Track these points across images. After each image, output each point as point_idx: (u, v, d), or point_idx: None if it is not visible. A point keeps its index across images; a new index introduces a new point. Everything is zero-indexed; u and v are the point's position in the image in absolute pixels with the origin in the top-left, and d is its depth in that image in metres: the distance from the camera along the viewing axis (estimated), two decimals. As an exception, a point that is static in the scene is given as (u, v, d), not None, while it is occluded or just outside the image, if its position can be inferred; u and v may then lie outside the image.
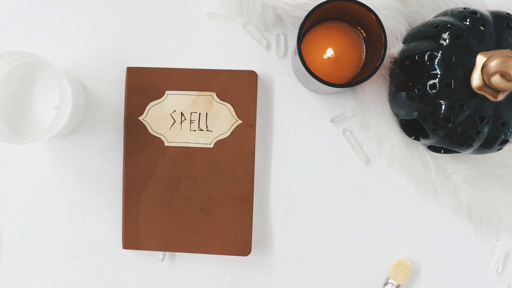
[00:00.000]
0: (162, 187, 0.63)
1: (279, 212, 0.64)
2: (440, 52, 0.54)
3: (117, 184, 0.64)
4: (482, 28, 0.54)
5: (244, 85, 0.62)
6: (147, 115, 0.63)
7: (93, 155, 0.64)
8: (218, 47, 0.64)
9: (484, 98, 0.53)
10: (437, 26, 0.55)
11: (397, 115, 0.63)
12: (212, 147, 0.63)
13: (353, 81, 0.60)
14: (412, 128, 0.61)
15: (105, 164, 0.64)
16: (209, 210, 0.63)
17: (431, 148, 0.61)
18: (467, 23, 0.54)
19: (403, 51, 0.58)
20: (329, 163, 0.64)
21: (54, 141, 0.64)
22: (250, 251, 0.62)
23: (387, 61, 0.59)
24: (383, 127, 0.62)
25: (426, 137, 0.58)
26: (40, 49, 0.64)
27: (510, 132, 0.55)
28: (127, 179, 0.63)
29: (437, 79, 0.54)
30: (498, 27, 0.54)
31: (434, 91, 0.54)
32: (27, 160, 0.64)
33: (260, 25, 0.63)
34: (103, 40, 0.64)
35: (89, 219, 0.64)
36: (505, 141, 0.55)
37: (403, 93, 0.58)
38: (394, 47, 0.58)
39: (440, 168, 0.63)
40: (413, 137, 0.61)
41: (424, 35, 0.56)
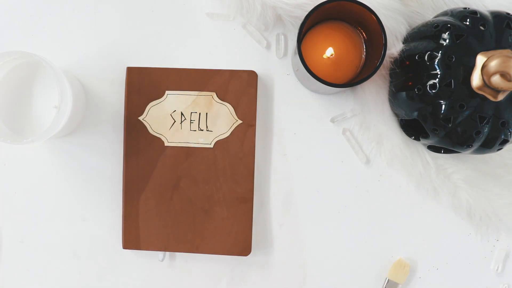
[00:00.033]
0: (162, 187, 0.63)
1: (279, 212, 0.64)
2: (440, 52, 0.54)
3: (117, 184, 0.64)
4: (482, 28, 0.54)
5: (244, 85, 0.62)
6: (147, 115, 0.63)
7: (93, 155, 0.64)
8: (218, 47, 0.64)
9: (484, 98, 0.53)
10: (437, 26, 0.55)
11: (397, 115, 0.62)
12: (212, 147, 0.63)
13: (353, 81, 0.60)
14: (412, 128, 0.61)
15: (105, 164, 0.64)
16: (209, 210, 0.63)
17: (431, 148, 0.61)
18: (467, 23, 0.54)
19: (403, 51, 0.58)
20: (329, 163, 0.64)
21: (54, 141, 0.64)
22: (250, 251, 0.62)
23: (387, 61, 0.59)
24: (383, 127, 0.62)
25: (426, 137, 0.58)
26: (40, 49, 0.64)
27: (510, 132, 0.55)
28: (127, 179, 0.63)
29: (437, 79, 0.54)
30: (498, 27, 0.54)
31: (434, 91, 0.54)
32: (27, 160, 0.64)
33: (260, 25, 0.63)
34: (103, 40, 0.64)
35: (89, 219, 0.64)
36: (505, 141, 0.55)
37: (403, 93, 0.58)
38: (394, 47, 0.58)
39: (440, 168, 0.63)
40: (413, 137, 0.61)
41: (424, 35, 0.56)
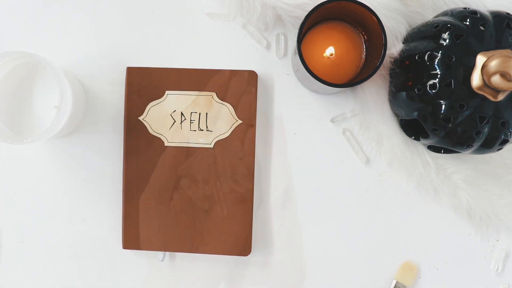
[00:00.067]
0: (162, 187, 0.63)
1: (279, 212, 0.64)
2: (440, 52, 0.54)
3: (117, 184, 0.64)
4: (482, 28, 0.54)
5: (244, 85, 0.62)
6: (147, 115, 0.63)
7: (93, 155, 0.64)
8: (218, 47, 0.64)
9: (484, 98, 0.53)
10: (437, 26, 0.55)
11: (397, 115, 0.62)
12: (212, 147, 0.63)
13: (353, 81, 0.60)
14: (412, 128, 0.61)
15: (105, 164, 0.64)
16: (209, 210, 0.63)
17: (431, 148, 0.61)
18: (467, 23, 0.54)
19: (403, 51, 0.58)
20: (329, 163, 0.64)
21: (54, 141, 0.64)
22: (250, 251, 0.62)
23: (387, 61, 0.59)
24: (383, 127, 0.62)
25: (426, 137, 0.58)
26: (40, 49, 0.64)
27: (510, 132, 0.55)
28: (127, 179, 0.63)
29: (437, 79, 0.54)
30: (498, 27, 0.54)
31: (434, 91, 0.54)
32: (27, 160, 0.64)
33: (260, 25, 0.63)
34: (103, 40, 0.64)
35: (89, 219, 0.64)
36: (505, 141, 0.55)
37: (403, 93, 0.58)
38: (394, 47, 0.58)
39: (440, 168, 0.63)
40: (413, 137, 0.61)
41: (424, 35, 0.56)
